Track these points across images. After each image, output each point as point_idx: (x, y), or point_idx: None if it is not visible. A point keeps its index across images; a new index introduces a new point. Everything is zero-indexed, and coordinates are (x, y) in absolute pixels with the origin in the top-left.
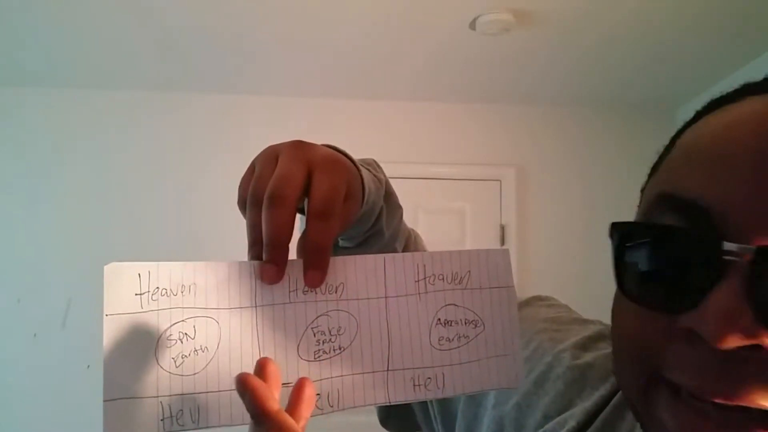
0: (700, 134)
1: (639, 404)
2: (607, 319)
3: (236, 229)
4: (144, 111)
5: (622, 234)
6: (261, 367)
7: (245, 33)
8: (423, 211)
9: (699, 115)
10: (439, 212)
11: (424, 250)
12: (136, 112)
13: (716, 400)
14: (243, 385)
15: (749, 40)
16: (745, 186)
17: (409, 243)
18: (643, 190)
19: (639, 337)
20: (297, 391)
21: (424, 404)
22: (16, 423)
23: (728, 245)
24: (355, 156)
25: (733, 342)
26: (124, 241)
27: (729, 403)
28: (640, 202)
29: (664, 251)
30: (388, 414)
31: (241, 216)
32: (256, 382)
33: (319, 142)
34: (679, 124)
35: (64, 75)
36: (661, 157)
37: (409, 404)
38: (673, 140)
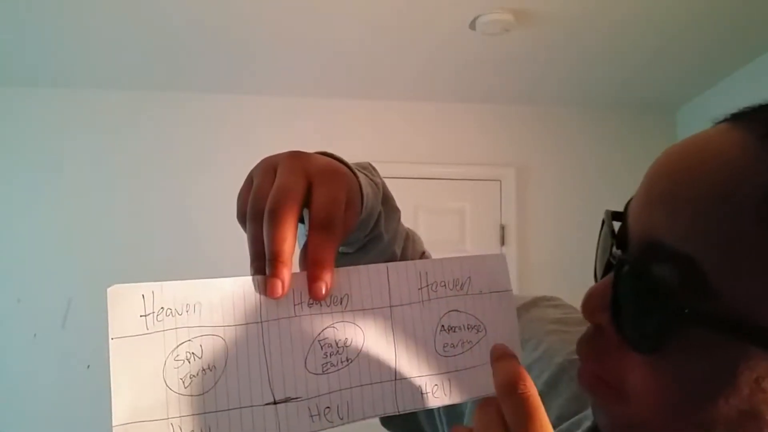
0: None
1: None
2: None
3: (237, 230)
4: (144, 111)
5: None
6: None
7: (246, 33)
8: (423, 211)
9: None
10: (439, 212)
11: (423, 250)
12: (137, 112)
13: (586, 363)
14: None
15: (749, 40)
16: (637, 202)
17: (408, 244)
18: None
19: None
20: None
21: None
22: (16, 423)
23: (615, 251)
24: (355, 157)
25: (589, 319)
26: (125, 241)
27: (594, 366)
28: None
29: (600, 243)
30: (390, 416)
31: (235, 218)
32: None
33: (319, 143)
34: (679, 124)
35: (64, 75)
36: None
37: None
38: None
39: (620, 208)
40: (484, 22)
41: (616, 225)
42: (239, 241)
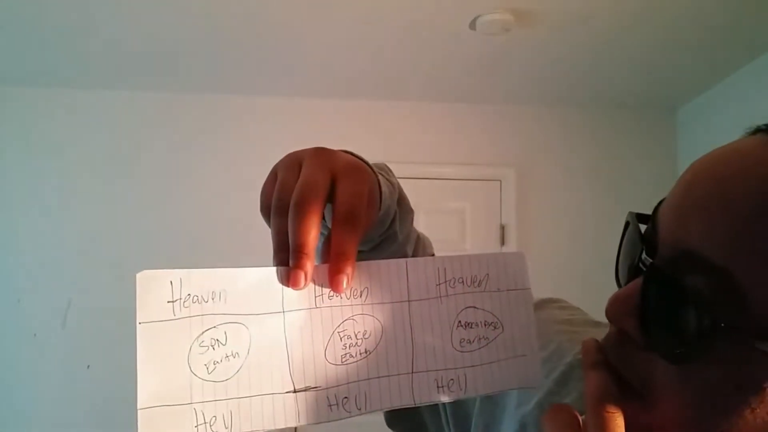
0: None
1: None
2: (604, 320)
3: (237, 229)
4: (145, 111)
5: (626, 223)
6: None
7: (246, 34)
8: (423, 211)
9: None
10: (439, 212)
11: (432, 253)
12: (137, 113)
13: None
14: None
15: (749, 40)
16: (670, 208)
17: (418, 246)
18: None
19: None
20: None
21: (434, 405)
22: (16, 423)
23: (645, 257)
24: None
25: (615, 323)
26: (125, 241)
27: (617, 368)
28: None
29: (625, 247)
30: (395, 414)
31: (239, 214)
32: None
33: (319, 143)
34: (680, 124)
35: (64, 75)
36: None
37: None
38: None
39: (621, 207)
40: (484, 22)
41: (642, 228)
42: (239, 239)
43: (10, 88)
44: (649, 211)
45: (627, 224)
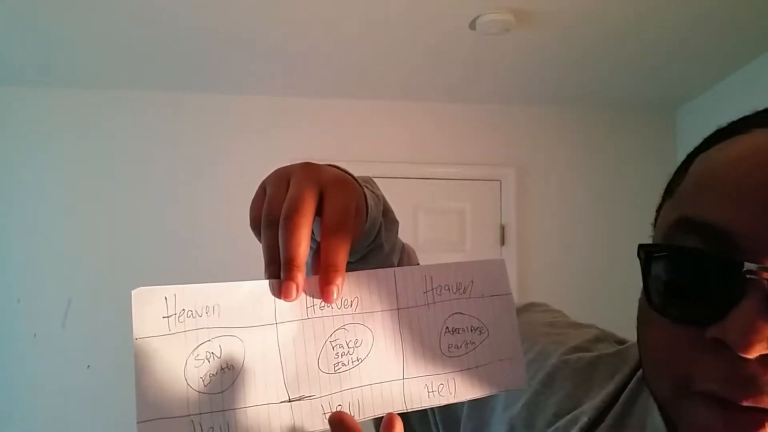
0: (714, 163)
1: (670, 410)
2: (603, 320)
3: (235, 228)
4: (144, 111)
5: (650, 254)
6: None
7: (244, 33)
8: (423, 211)
9: (709, 143)
10: (439, 212)
11: (417, 263)
12: (136, 112)
13: (744, 403)
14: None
15: (749, 41)
16: (755, 214)
17: (404, 255)
18: (658, 210)
19: (669, 348)
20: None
21: (423, 410)
22: (16, 423)
23: (749, 265)
24: (355, 157)
25: (757, 350)
26: (124, 241)
27: (755, 405)
28: (656, 222)
29: (692, 270)
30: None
31: (237, 216)
32: (352, 421)
33: (319, 143)
34: (679, 124)
35: (64, 75)
36: (675, 181)
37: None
38: (686, 166)
39: (620, 208)
40: (484, 22)
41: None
42: (238, 239)
43: (10, 88)
44: (644, 213)
45: (649, 257)
